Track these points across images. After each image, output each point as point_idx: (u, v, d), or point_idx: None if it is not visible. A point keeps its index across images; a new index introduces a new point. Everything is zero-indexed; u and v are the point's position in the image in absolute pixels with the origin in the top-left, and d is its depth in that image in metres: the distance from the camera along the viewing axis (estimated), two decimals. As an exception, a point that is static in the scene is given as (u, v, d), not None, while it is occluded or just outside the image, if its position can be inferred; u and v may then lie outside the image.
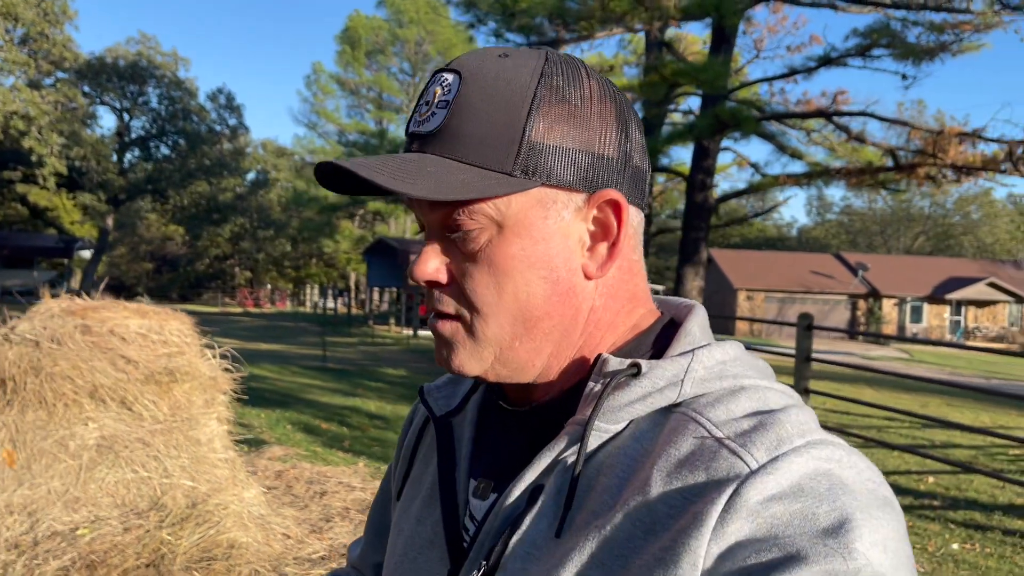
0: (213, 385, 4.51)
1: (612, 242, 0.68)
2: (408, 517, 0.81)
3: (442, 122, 0.65)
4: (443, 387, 0.84)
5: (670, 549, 0.56)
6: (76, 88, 30.19)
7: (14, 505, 3.65)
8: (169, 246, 53.52)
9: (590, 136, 0.66)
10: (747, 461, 0.57)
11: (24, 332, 4.11)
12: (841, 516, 0.54)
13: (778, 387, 0.66)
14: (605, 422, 0.64)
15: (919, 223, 56.45)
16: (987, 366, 24.89)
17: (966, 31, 13.05)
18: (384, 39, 37.87)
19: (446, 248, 0.68)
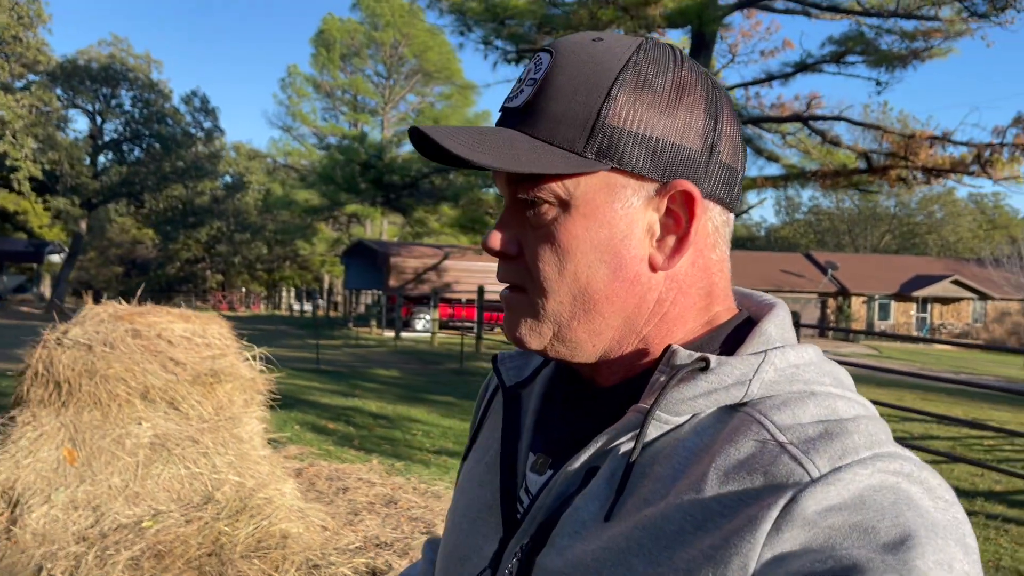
0: (252, 386, 4.73)
1: (681, 235, 0.68)
2: (471, 480, 0.83)
3: (527, 99, 0.67)
4: (515, 357, 0.85)
5: (720, 548, 0.56)
6: (51, 91, 29.91)
7: (78, 501, 3.85)
8: (139, 249, 52.98)
9: (671, 125, 0.66)
10: (808, 469, 0.56)
11: (76, 336, 4.30)
12: (904, 532, 0.51)
13: (852, 396, 0.65)
14: (667, 413, 0.64)
15: (885, 222, 57.62)
16: (955, 362, 25.57)
17: (936, 38, 13.55)
18: (360, 42, 37.88)
19: (519, 223, 0.70)
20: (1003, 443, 9.54)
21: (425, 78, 38.83)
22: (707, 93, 0.67)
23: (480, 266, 27.95)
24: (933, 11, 14.04)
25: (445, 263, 28.47)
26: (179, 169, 35.69)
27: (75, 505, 3.83)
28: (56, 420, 4.07)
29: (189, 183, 37.49)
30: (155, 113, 34.84)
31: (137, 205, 39.10)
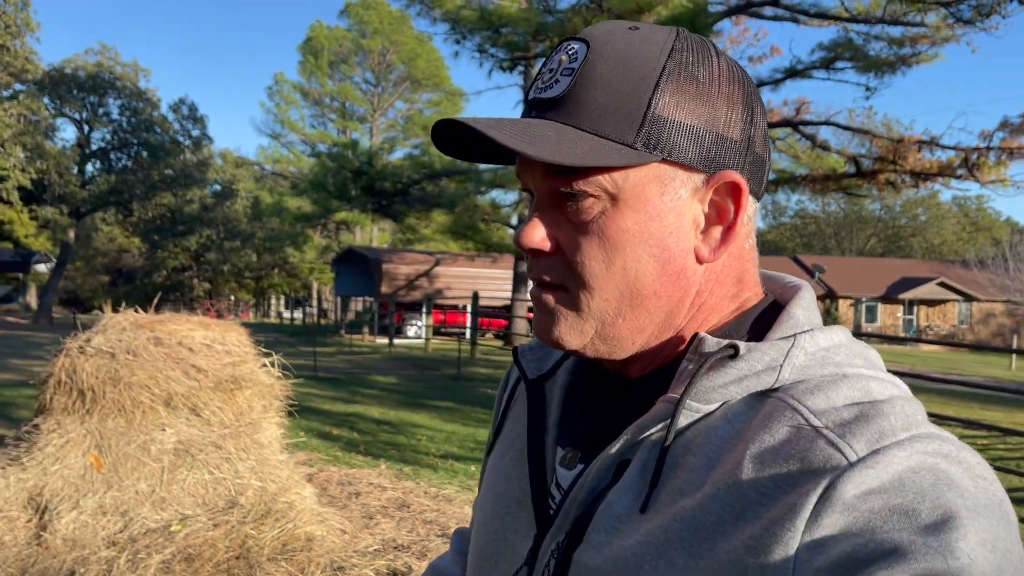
0: (269, 391, 4.79)
1: (728, 226, 0.68)
2: (498, 474, 0.81)
3: (566, 89, 0.65)
4: (536, 349, 0.83)
5: (761, 538, 0.55)
6: (39, 100, 29.78)
7: (107, 506, 3.90)
8: (125, 258, 52.72)
9: (715, 116, 0.65)
10: (846, 453, 0.55)
11: (99, 345, 4.35)
12: (945, 513, 0.51)
13: (884, 377, 0.64)
14: (697, 401, 0.63)
15: (870, 225, 58.09)
16: (942, 363, 25.83)
17: (924, 44, 13.76)
18: (348, 49, 37.98)
19: (555, 218, 0.68)
20: (996, 442, 9.71)
21: (414, 85, 38.96)
22: (743, 84, 0.68)
23: (471, 272, 28.05)
24: (919, 17, 14.25)
25: (436, 269, 28.54)
26: (167, 177, 35.57)
27: (104, 511, 3.88)
28: (81, 427, 4.12)
29: (178, 191, 37.38)
30: (143, 121, 34.73)
31: (126, 214, 38.94)
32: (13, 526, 3.79)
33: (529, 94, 0.69)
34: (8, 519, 3.81)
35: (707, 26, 13.97)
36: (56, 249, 42.85)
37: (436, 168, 21.76)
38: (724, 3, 15.41)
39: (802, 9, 14.97)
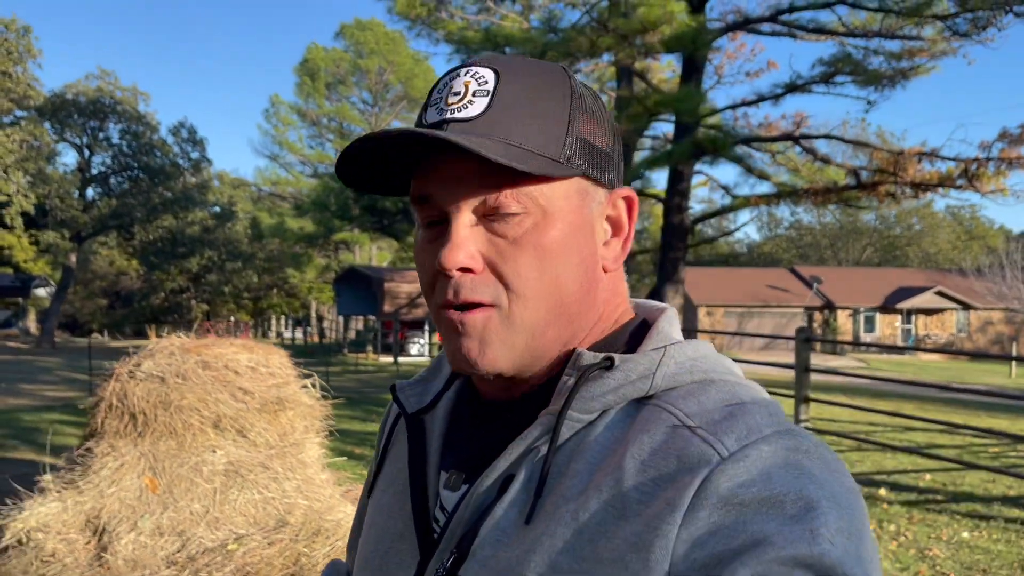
0: (311, 412, 4.90)
1: (624, 237, 0.72)
2: (380, 511, 0.81)
3: (484, 109, 0.66)
4: (415, 385, 0.84)
5: (642, 534, 0.57)
6: (41, 126, 29.97)
7: (164, 527, 4.00)
8: (123, 281, 52.73)
9: (607, 138, 0.71)
10: (718, 449, 0.58)
11: (149, 369, 4.46)
12: (808, 503, 0.55)
13: (747, 383, 0.68)
14: (578, 412, 0.65)
15: (866, 236, 58.42)
16: (941, 372, 25.98)
17: (922, 57, 14.00)
18: (345, 70, 38.30)
19: (480, 235, 0.68)
20: (1007, 450, 9.82)
21: (411, 104, 39.26)
22: (594, 95, 0.73)
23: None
24: (916, 31, 14.52)
25: (438, 287, 28.63)
26: (168, 200, 35.74)
27: (161, 531, 3.98)
28: (135, 450, 4.22)
29: (179, 213, 37.55)
30: (143, 145, 34.95)
31: (127, 237, 39.07)
32: (73, 548, 3.88)
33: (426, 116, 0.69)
34: (68, 541, 3.91)
35: (707, 43, 14.20)
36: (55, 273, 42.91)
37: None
38: (722, 20, 15.67)
39: (800, 25, 15.22)
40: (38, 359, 23.99)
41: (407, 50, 36.46)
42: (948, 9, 13.62)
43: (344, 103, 39.70)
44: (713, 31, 14.58)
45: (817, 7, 14.28)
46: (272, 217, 36.78)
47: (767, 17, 15.01)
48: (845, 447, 9.46)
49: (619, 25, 11.79)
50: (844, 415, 12.13)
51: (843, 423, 11.37)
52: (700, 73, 15.46)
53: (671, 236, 15.56)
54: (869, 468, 8.30)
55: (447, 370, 0.83)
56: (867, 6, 14.18)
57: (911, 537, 5.84)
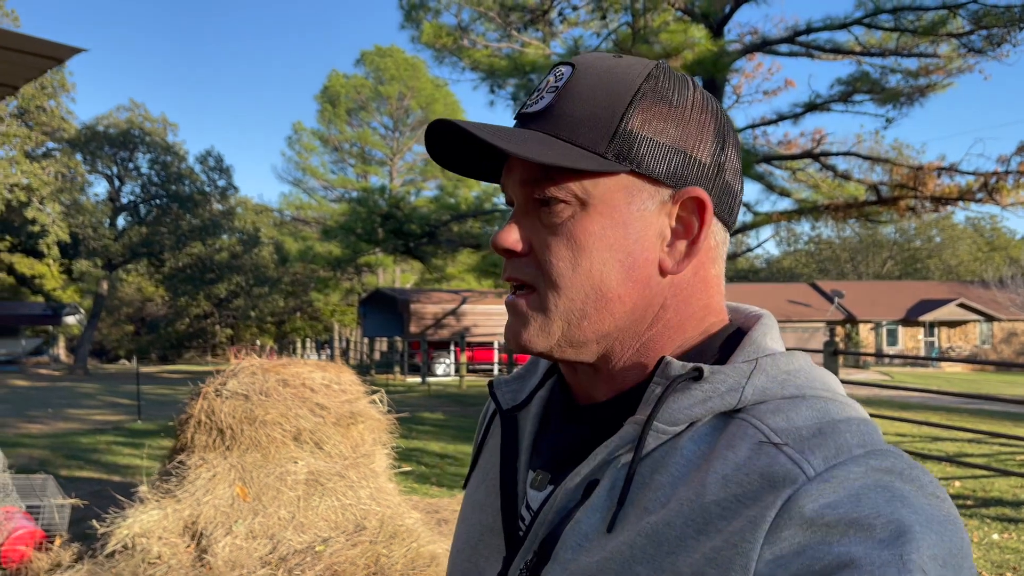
0: (379, 425, 5.27)
1: (691, 240, 0.70)
2: (472, 505, 0.83)
3: (548, 103, 0.69)
4: (511, 382, 0.85)
5: (722, 550, 0.57)
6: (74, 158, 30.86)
7: (256, 531, 4.37)
8: (148, 307, 53.48)
9: (686, 137, 0.69)
10: (804, 468, 0.57)
11: (234, 388, 4.84)
12: (899, 528, 0.53)
13: (842, 399, 0.66)
14: (664, 423, 0.65)
15: (886, 249, 58.30)
16: (967, 384, 25.90)
17: (939, 75, 14.31)
18: (366, 96, 39.02)
19: (530, 222, 0.71)
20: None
21: (431, 129, 39.79)
22: (717, 117, 0.72)
23: (498, 309, 28.59)
24: (932, 49, 14.84)
25: (463, 307, 29.09)
26: (196, 227, 36.49)
27: (253, 535, 4.35)
28: (225, 462, 4.60)
29: (207, 240, 38.29)
30: (172, 174, 35.80)
31: (157, 265, 39.86)
32: (176, 551, 4.26)
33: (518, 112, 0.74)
34: (171, 545, 4.28)
35: (727, 66, 14.57)
36: (84, 301, 43.71)
37: (462, 209, 22.49)
38: (740, 42, 16.05)
39: (817, 45, 15.58)
40: (75, 385, 24.54)
41: (427, 76, 37.15)
42: (963, 27, 13.93)
43: (365, 128, 40.41)
44: (733, 53, 14.95)
45: (834, 28, 14.63)
46: (296, 242, 37.42)
47: (785, 38, 15.39)
48: (875, 456, 9.67)
49: (642, 51, 12.19)
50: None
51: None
52: (720, 94, 15.82)
53: (696, 254, 15.84)
54: (900, 476, 8.52)
55: (543, 367, 0.85)
56: (883, 25, 14.52)
57: (944, 539, 6.08)
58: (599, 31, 15.64)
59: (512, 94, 13.86)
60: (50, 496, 5.53)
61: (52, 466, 8.95)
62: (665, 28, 12.36)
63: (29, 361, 40.60)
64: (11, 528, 4.89)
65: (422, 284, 39.57)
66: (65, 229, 29.10)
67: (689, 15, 14.43)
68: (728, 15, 14.68)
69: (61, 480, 7.07)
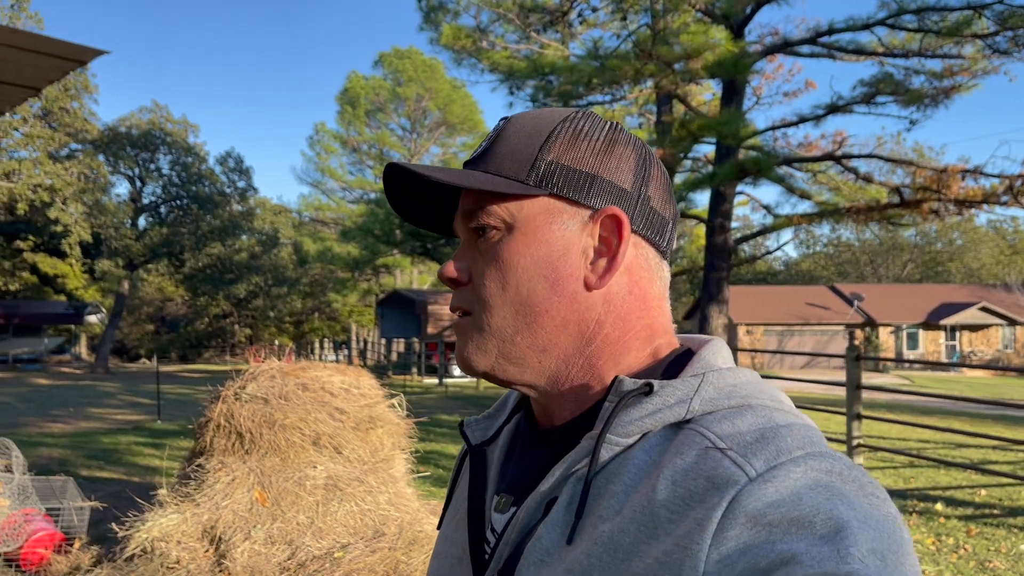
0: (398, 430, 5.24)
1: (611, 256, 0.74)
2: (443, 541, 0.86)
3: (484, 149, 0.77)
4: (481, 421, 0.88)
5: (672, 553, 0.58)
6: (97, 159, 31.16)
7: (274, 536, 4.35)
8: (168, 307, 53.96)
9: (604, 165, 0.74)
10: (746, 470, 0.59)
11: (253, 391, 4.83)
12: (838, 524, 0.54)
13: (788, 409, 0.69)
14: (616, 435, 0.67)
15: (906, 251, 57.79)
16: (988, 389, 25.63)
17: (964, 76, 14.13)
18: (384, 98, 39.13)
19: (470, 254, 0.77)
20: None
21: (448, 129, 39.96)
22: (638, 152, 0.77)
23: (515, 311, 28.50)
24: (956, 50, 14.66)
25: (480, 309, 29.00)
26: (216, 228, 36.75)
27: (272, 540, 4.33)
28: (244, 466, 4.59)
29: (227, 241, 38.56)
30: (192, 175, 36.06)
31: (177, 265, 40.18)
32: (195, 555, 4.24)
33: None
34: (189, 549, 4.27)
35: (748, 67, 14.46)
36: (106, 300, 44.10)
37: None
38: (761, 44, 15.93)
39: (839, 46, 15.43)
40: (97, 384, 24.74)
41: (445, 77, 37.22)
42: (988, 27, 13.75)
43: (384, 130, 40.55)
44: (754, 55, 14.84)
45: (857, 28, 14.48)
46: (315, 242, 37.61)
47: (807, 39, 15.25)
48: (898, 463, 9.58)
49: (663, 53, 12.13)
50: (893, 432, 12.21)
51: (892, 440, 11.45)
52: (740, 96, 15.73)
53: (714, 256, 15.77)
54: (924, 484, 8.43)
55: (511, 405, 0.88)
56: (907, 26, 14.36)
57: (970, 550, 5.99)
58: (619, 32, 15.58)
59: (531, 96, 13.84)
60: (70, 498, 5.54)
61: (72, 466, 9.00)
62: (685, 29, 12.29)
63: (51, 360, 41.03)
64: (31, 530, 4.90)
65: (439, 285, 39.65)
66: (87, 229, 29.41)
67: (710, 16, 14.34)
68: (749, 16, 14.57)
69: (81, 480, 7.10)
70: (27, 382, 25.91)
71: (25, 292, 43.36)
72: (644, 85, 14.27)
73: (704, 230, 16.57)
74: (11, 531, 4.84)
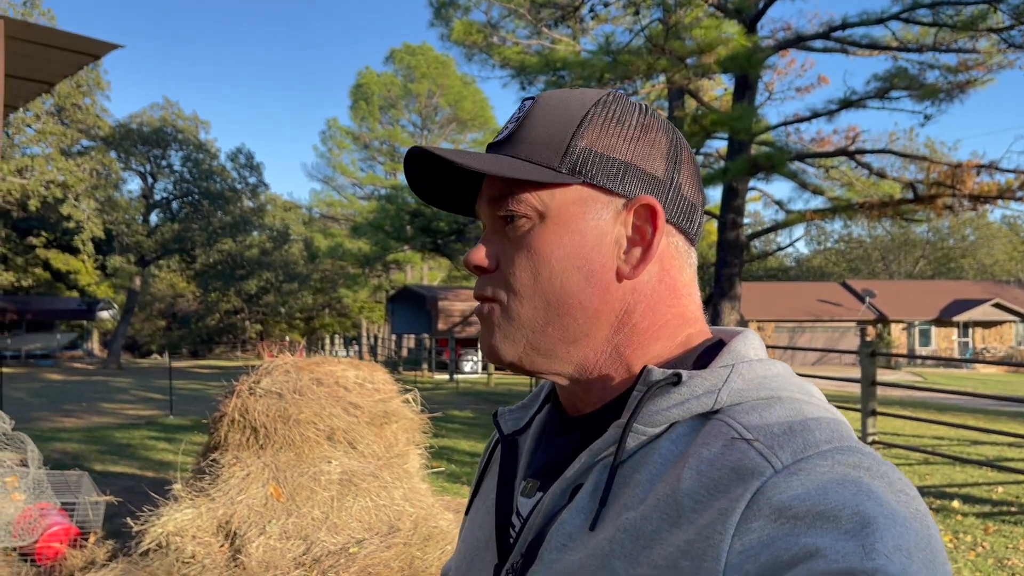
0: (412, 425, 5.22)
1: (645, 246, 0.73)
2: (471, 524, 0.86)
3: (511, 132, 0.75)
4: (515, 411, 0.88)
5: (695, 542, 0.58)
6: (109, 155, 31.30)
7: (289, 531, 4.34)
8: (180, 303, 54.20)
9: (637, 152, 0.73)
10: (772, 462, 0.59)
11: (267, 386, 4.82)
12: (864, 519, 0.53)
13: (819, 402, 0.68)
14: (643, 424, 0.67)
15: (918, 248, 57.47)
16: (1002, 385, 25.46)
17: (979, 71, 14.01)
18: (396, 94, 39.13)
19: (497, 240, 0.75)
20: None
21: (459, 126, 39.94)
22: (669, 137, 0.76)
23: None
24: (970, 44, 14.55)
25: (491, 305, 29.00)
26: (227, 224, 36.88)
27: (287, 535, 4.32)
28: (259, 461, 4.58)
29: (238, 237, 38.68)
30: (203, 171, 36.19)
31: (189, 261, 40.35)
32: (210, 550, 4.24)
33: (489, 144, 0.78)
34: (204, 544, 4.27)
35: (761, 62, 14.37)
36: (118, 296, 44.32)
37: (491, 207, 22.42)
38: (773, 38, 15.83)
39: (853, 41, 15.33)
40: (109, 379, 24.86)
41: (456, 73, 37.19)
42: (1003, 21, 13.63)
43: (395, 126, 40.55)
44: (766, 49, 14.75)
45: (870, 23, 14.38)
46: (326, 239, 37.67)
47: (820, 34, 15.15)
48: (913, 460, 9.51)
49: (675, 47, 12.07)
50: (907, 428, 12.13)
51: (907, 437, 11.37)
52: (753, 91, 15.64)
53: (726, 252, 15.71)
54: (939, 481, 8.36)
55: (543, 395, 0.88)
56: (921, 20, 14.26)
57: (989, 548, 5.94)
58: (631, 27, 15.51)
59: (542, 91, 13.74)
60: (84, 493, 5.55)
61: (86, 460, 9.04)
62: (698, 24, 12.22)
63: (64, 355, 41.27)
64: (46, 525, 4.91)
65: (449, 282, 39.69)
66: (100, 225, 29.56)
67: (722, 11, 14.25)
68: (762, 11, 14.48)
69: (95, 475, 7.12)
70: (40, 377, 26.05)
71: (38, 288, 43.62)
72: (656, 80, 14.22)
73: (716, 226, 16.48)
74: (26, 525, 4.85)
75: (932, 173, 15.41)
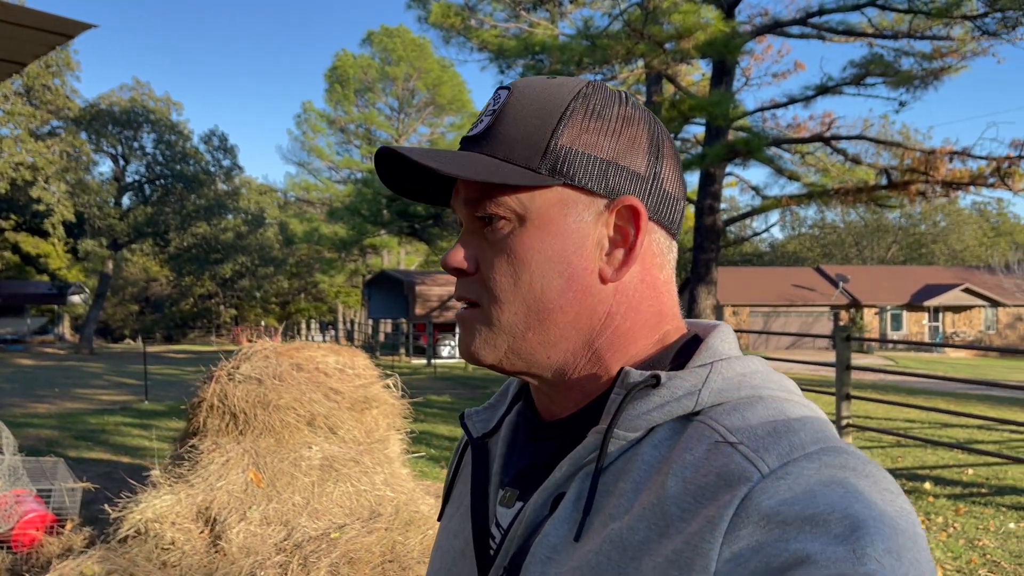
0: (393, 410, 5.22)
1: (628, 248, 0.71)
2: (446, 534, 0.84)
3: (486, 127, 0.72)
4: (482, 412, 0.87)
5: (683, 552, 0.57)
6: (79, 137, 30.79)
7: (270, 517, 4.33)
8: (153, 287, 53.66)
9: (617, 149, 0.71)
10: (758, 466, 0.58)
11: (247, 372, 4.79)
12: (853, 523, 0.53)
13: (798, 399, 0.67)
14: (624, 430, 0.66)
15: (891, 233, 58.14)
16: (971, 369, 25.92)
17: (953, 57, 14.14)
18: (372, 77, 38.78)
19: (476, 242, 0.73)
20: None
21: (437, 110, 39.70)
22: (650, 128, 0.73)
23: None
24: (945, 31, 14.68)
25: (468, 290, 28.99)
26: (201, 207, 36.47)
27: (268, 521, 4.31)
28: (238, 447, 4.55)
29: (212, 220, 38.28)
30: (176, 153, 35.72)
31: (162, 244, 39.90)
32: (190, 536, 4.22)
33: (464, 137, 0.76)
34: (184, 531, 4.24)
35: (739, 47, 14.41)
36: (89, 280, 43.75)
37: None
38: (751, 24, 15.87)
39: (829, 27, 15.41)
40: (82, 365, 24.59)
41: (433, 56, 36.92)
42: (977, 9, 13.76)
43: (371, 110, 40.21)
44: (744, 35, 14.79)
45: (847, 9, 14.45)
46: (302, 223, 37.37)
47: (797, 20, 15.22)
48: (886, 443, 9.66)
49: (654, 32, 12.06)
50: (880, 412, 12.31)
51: (879, 420, 11.54)
52: (730, 76, 15.69)
53: (703, 238, 15.79)
54: (911, 464, 8.50)
55: (511, 395, 0.86)
56: (896, 7, 14.35)
57: (959, 528, 6.05)
58: (609, 11, 15.47)
59: (521, 75, 13.76)
60: (60, 479, 5.50)
61: (61, 447, 8.94)
62: (677, 8, 12.21)
63: (34, 340, 40.75)
64: (22, 512, 4.86)
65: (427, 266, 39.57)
66: (70, 208, 29.13)
67: (701, -5, 14.26)
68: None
69: (70, 461, 7.05)
70: (11, 363, 25.70)
71: (7, 272, 42.96)
72: (634, 65, 14.21)
73: (693, 211, 16.56)
74: (2, 512, 4.80)
75: (906, 159, 15.57)
